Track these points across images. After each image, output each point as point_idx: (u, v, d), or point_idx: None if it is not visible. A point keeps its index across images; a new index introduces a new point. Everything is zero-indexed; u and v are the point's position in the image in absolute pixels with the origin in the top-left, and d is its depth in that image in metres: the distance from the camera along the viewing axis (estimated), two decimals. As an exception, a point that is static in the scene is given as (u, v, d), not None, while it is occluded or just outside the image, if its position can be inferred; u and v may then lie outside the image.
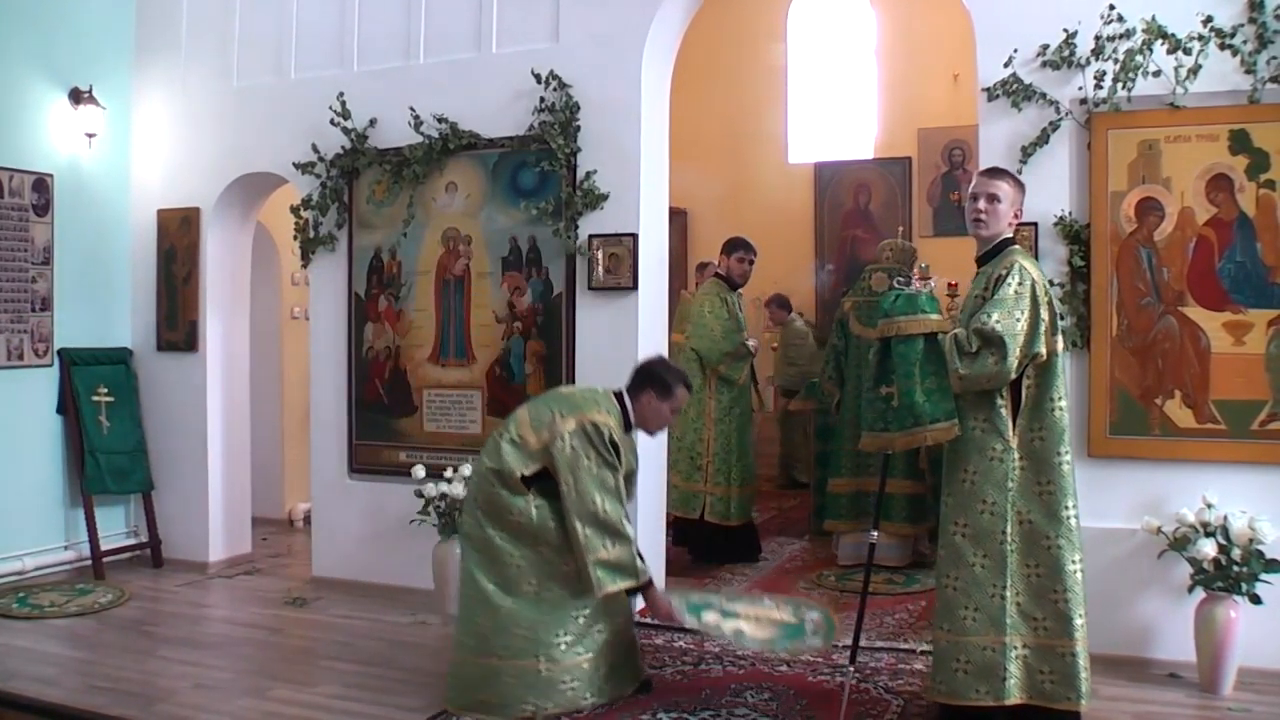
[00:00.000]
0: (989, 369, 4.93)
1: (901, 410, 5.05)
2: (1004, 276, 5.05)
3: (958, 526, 5.17)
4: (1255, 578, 5.82)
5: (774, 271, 14.25)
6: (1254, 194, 6.27)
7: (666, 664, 6.44)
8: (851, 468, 8.69)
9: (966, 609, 5.10)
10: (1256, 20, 6.20)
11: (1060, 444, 5.07)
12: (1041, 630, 5.04)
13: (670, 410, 6.02)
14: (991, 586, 5.07)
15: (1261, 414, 6.25)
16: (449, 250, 8.19)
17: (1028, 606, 5.05)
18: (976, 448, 5.12)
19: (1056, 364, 5.11)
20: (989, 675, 5.04)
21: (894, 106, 14.27)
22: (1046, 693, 5.03)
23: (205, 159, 9.18)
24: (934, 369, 5.03)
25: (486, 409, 8.05)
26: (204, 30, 9.22)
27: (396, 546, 8.11)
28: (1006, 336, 4.89)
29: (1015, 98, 6.65)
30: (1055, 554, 5.02)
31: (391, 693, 6.03)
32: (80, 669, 6.53)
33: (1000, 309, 4.95)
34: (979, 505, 5.11)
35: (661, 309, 8.06)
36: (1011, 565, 5.05)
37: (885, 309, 5.14)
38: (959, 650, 5.11)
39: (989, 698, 5.04)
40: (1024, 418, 5.09)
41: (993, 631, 5.05)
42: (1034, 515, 5.06)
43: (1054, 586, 5.02)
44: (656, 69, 7.80)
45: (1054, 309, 5.14)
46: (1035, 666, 5.04)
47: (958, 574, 5.15)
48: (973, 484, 5.13)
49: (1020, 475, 5.08)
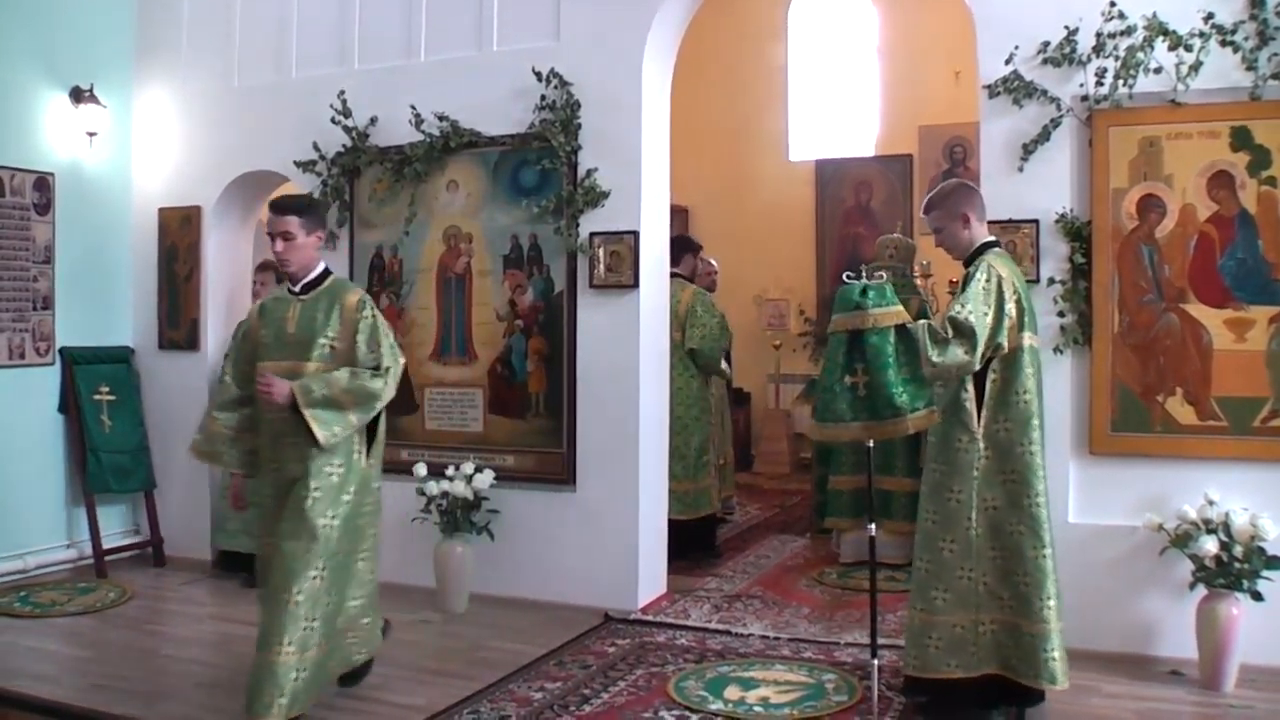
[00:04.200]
0: (959, 358, 5.09)
1: (878, 401, 5.10)
2: (973, 274, 5.28)
3: (929, 513, 5.44)
4: (1257, 575, 5.82)
5: (774, 268, 14.33)
6: (1255, 191, 6.27)
7: (669, 661, 6.44)
8: (853, 465, 8.65)
9: (937, 590, 5.35)
10: (1258, 17, 6.20)
11: (1024, 435, 5.25)
12: (1007, 609, 5.27)
13: None
14: (959, 569, 5.31)
15: (1263, 411, 6.25)
16: (450, 248, 8.19)
17: (995, 586, 5.29)
18: (945, 439, 5.36)
19: (1023, 358, 5.27)
20: (959, 650, 5.29)
21: (895, 103, 14.30)
22: (1013, 667, 5.27)
23: (206, 157, 9.18)
24: (907, 359, 5.12)
25: (488, 407, 8.05)
26: (205, 28, 9.22)
27: (398, 545, 8.09)
28: (976, 327, 5.09)
29: (1016, 95, 6.65)
30: (1016, 540, 5.24)
31: (393, 691, 6.03)
32: (82, 667, 6.53)
33: (970, 301, 5.14)
34: (946, 494, 5.36)
35: (663, 307, 8.07)
36: (977, 549, 5.30)
37: (854, 301, 5.16)
38: (931, 628, 5.35)
39: (959, 670, 5.29)
40: (989, 409, 5.29)
41: (961, 611, 5.30)
42: (998, 503, 5.29)
43: (1016, 570, 5.24)
44: (657, 66, 7.80)
45: (1023, 306, 5.29)
46: (1003, 641, 5.28)
47: (929, 557, 5.41)
48: (941, 474, 5.39)
49: (985, 465, 5.30)
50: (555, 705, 5.74)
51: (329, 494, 5.40)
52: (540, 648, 6.70)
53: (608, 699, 5.85)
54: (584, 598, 7.52)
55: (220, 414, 5.79)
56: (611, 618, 7.33)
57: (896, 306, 5.17)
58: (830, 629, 7.06)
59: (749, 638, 6.90)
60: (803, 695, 5.86)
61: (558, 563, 7.71)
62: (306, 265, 5.66)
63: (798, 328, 14.47)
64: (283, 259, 5.61)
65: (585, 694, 5.92)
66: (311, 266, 5.68)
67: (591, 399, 7.70)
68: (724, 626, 7.10)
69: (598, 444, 7.68)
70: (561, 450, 7.79)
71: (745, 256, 13.94)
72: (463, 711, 5.67)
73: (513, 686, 6.04)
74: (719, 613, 7.45)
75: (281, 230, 5.56)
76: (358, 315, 5.55)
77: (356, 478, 5.55)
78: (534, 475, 7.86)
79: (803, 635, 6.93)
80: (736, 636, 6.93)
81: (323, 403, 5.33)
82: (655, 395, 7.84)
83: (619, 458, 7.60)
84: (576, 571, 7.63)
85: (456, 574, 7.59)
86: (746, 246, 14.10)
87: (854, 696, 5.81)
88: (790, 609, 7.57)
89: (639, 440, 7.57)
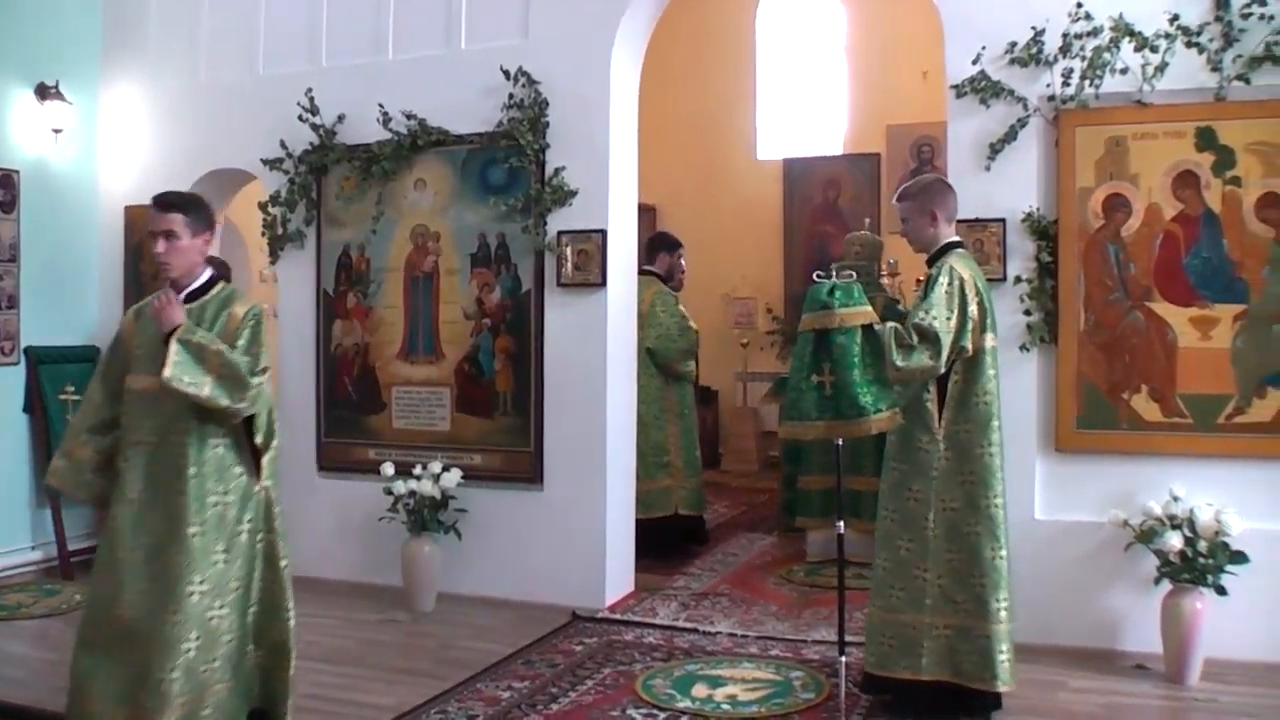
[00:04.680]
0: (924, 362, 5.15)
1: (843, 400, 5.10)
2: (935, 276, 5.31)
3: (888, 512, 5.50)
4: (1221, 570, 5.87)
5: (742, 267, 14.34)
6: (1220, 190, 6.32)
7: (637, 660, 6.45)
8: (822, 465, 8.64)
9: (894, 588, 5.42)
10: (1222, 19, 6.25)
11: (985, 436, 5.32)
12: (961, 612, 5.31)
13: None
14: (915, 569, 5.37)
15: (1228, 408, 6.31)
16: (418, 247, 8.17)
17: (949, 589, 5.33)
18: (905, 439, 5.43)
19: (984, 360, 5.34)
20: (910, 651, 5.35)
21: (863, 103, 14.34)
22: (965, 671, 5.31)
23: (173, 155, 9.11)
24: (873, 360, 5.14)
25: (455, 406, 8.03)
26: (172, 25, 9.16)
27: (366, 544, 8.09)
28: (941, 332, 5.13)
29: (984, 95, 6.68)
30: (974, 541, 5.29)
31: (361, 691, 6.01)
32: (49, 670, 6.46)
33: (935, 307, 5.19)
34: (906, 493, 5.43)
35: (631, 306, 8.06)
36: (934, 550, 5.35)
37: (822, 300, 5.17)
38: (887, 626, 5.43)
39: (908, 671, 5.36)
40: (950, 411, 5.36)
41: (914, 611, 5.35)
42: (956, 504, 5.35)
43: (972, 571, 5.29)
44: (626, 65, 7.80)
45: (985, 308, 5.34)
46: (956, 646, 5.32)
47: (888, 555, 5.47)
48: (901, 473, 5.46)
49: (944, 465, 5.37)
50: (523, 704, 5.73)
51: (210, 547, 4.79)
52: (508, 647, 6.69)
53: (575, 698, 5.84)
54: (552, 596, 7.51)
55: (89, 437, 5.05)
56: (579, 616, 7.32)
57: (864, 307, 5.18)
58: (798, 627, 7.07)
59: (717, 635, 6.90)
60: (770, 693, 5.87)
61: (525, 561, 7.69)
62: (190, 270, 4.99)
63: (765, 326, 14.47)
64: (163, 261, 4.92)
65: (553, 693, 5.91)
66: (196, 273, 5.01)
67: (559, 398, 7.69)
68: (692, 624, 7.11)
69: (565, 443, 7.67)
70: (529, 449, 7.78)
71: (713, 255, 13.93)
72: (430, 711, 5.66)
73: (481, 686, 6.03)
74: (686, 611, 7.45)
75: (164, 229, 4.89)
76: (243, 324, 4.96)
77: (249, 504, 4.96)
78: (501, 474, 7.85)
79: (770, 633, 6.94)
80: (704, 634, 6.92)
81: (195, 349, 4.68)
82: (623, 394, 7.84)
83: (586, 456, 7.60)
84: (544, 570, 7.62)
85: (424, 573, 7.57)
86: (715, 245, 14.09)
87: (821, 694, 5.82)
88: (758, 607, 7.57)
89: (606, 439, 7.57)
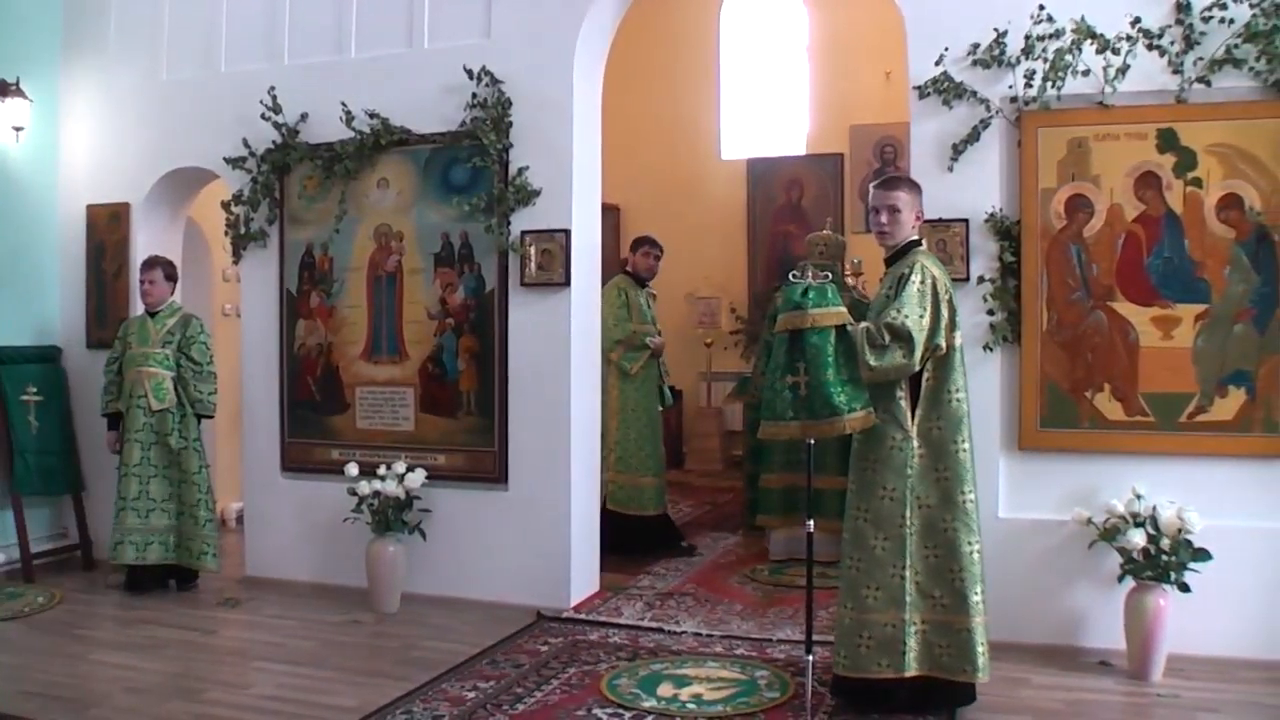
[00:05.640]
0: (898, 361, 5.20)
1: (817, 401, 5.12)
2: (907, 275, 5.34)
3: (859, 511, 5.47)
4: (1184, 566, 5.91)
5: (706, 266, 14.37)
6: (1181, 191, 6.37)
7: (602, 660, 6.44)
8: (783, 463, 8.69)
9: (869, 588, 5.39)
10: (1183, 22, 6.30)
11: (958, 433, 5.35)
12: (939, 607, 5.33)
13: None
14: (891, 567, 5.35)
15: (1189, 406, 6.36)
16: (381, 246, 8.14)
17: (926, 585, 5.35)
18: (877, 437, 5.40)
19: (955, 358, 5.37)
20: (890, 650, 5.33)
21: (826, 103, 14.38)
22: (944, 665, 5.34)
23: (134, 153, 9.06)
24: (846, 360, 5.16)
25: (419, 406, 8.01)
26: (133, 22, 9.10)
27: (329, 545, 8.07)
28: (914, 331, 5.17)
29: (946, 95, 6.71)
30: (951, 536, 5.31)
31: (325, 693, 5.99)
32: (11, 674, 6.41)
33: (906, 305, 5.22)
34: (879, 491, 5.40)
35: (594, 305, 8.07)
36: (910, 547, 5.35)
37: (795, 301, 5.19)
38: (862, 627, 5.39)
39: (890, 670, 5.33)
40: (923, 408, 5.37)
41: (893, 609, 5.33)
42: (932, 500, 5.36)
43: (950, 566, 5.31)
44: (589, 65, 7.79)
45: (953, 306, 5.37)
46: (934, 641, 5.34)
47: (860, 556, 5.44)
48: (874, 471, 5.43)
49: (919, 463, 5.37)
50: (488, 704, 5.72)
51: None
52: (473, 647, 6.68)
53: (541, 697, 5.83)
54: (516, 596, 7.51)
55: None
56: (544, 616, 7.31)
57: (838, 307, 5.19)
58: (763, 625, 7.08)
59: (682, 635, 6.90)
60: (736, 692, 5.87)
61: (490, 561, 7.69)
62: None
63: (729, 325, 14.50)
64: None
65: (518, 693, 5.90)
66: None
67: (523, 397, 7.68)
68: (656, 624, 7.11)
69: (529, 442, 7.66)
70: (493, 449, 7.77)
71: (677, 255, 13.76)
72: (395, 712, 5.63)
73: (446, 686, 6.02)
74: (651, 610, 7.45)
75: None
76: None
77: None
78: (466, 474, 7.84)
79: (735, 632, 6.94)
80: (669, 634, 6.93)
81: None
82: (586, 393, 7.85)
83: (550, 456, 7.59)
84: (508, 570, 7.61)
85: (388, 574, 7.55)
86: (678, 245, 13.94)
87: (787, 692, 5.82)
88: (723, 606, 7.58)
89: (570, 438, 7.57)
